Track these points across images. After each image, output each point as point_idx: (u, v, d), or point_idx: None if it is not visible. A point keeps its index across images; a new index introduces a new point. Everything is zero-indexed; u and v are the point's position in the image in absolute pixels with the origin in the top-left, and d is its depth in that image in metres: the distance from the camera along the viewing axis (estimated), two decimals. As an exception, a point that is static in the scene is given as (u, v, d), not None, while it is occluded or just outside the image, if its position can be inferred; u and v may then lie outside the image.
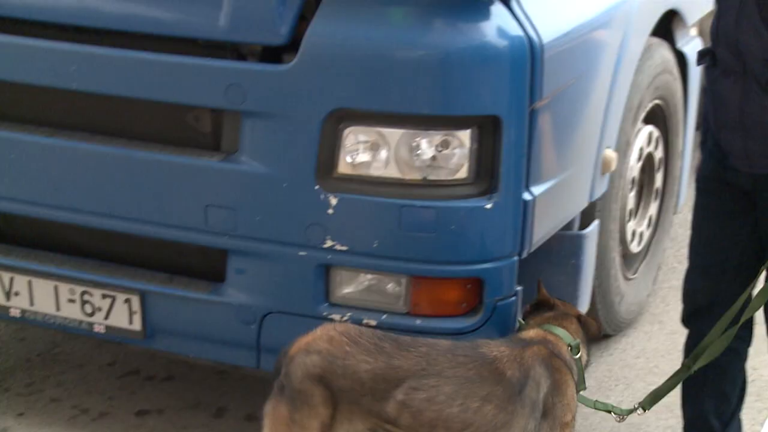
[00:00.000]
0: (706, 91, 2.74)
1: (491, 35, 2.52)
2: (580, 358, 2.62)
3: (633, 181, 3.58)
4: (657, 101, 3.65)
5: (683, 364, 2.76)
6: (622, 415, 2.75)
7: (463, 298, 2.69)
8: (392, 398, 2.34)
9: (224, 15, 2.60)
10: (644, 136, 3.59)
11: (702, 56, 2.69)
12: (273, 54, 2.62)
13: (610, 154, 3.17)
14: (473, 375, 2.39)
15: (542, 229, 2.82)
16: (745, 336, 2.83)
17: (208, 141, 2.75)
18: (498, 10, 2.54)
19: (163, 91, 2.70)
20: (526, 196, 2.67)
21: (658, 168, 3.81)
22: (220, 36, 2.64)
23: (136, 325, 2.88)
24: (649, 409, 2.76)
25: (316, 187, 2.61)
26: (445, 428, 2.36)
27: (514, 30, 2.54)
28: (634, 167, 3.55)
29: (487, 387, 2.39)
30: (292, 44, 2.58)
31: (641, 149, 3.59)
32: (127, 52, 2.72)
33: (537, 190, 2.72)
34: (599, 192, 3.20)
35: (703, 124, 2.82)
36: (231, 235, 2.72)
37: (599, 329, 2.92)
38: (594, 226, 3.22)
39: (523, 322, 2.75)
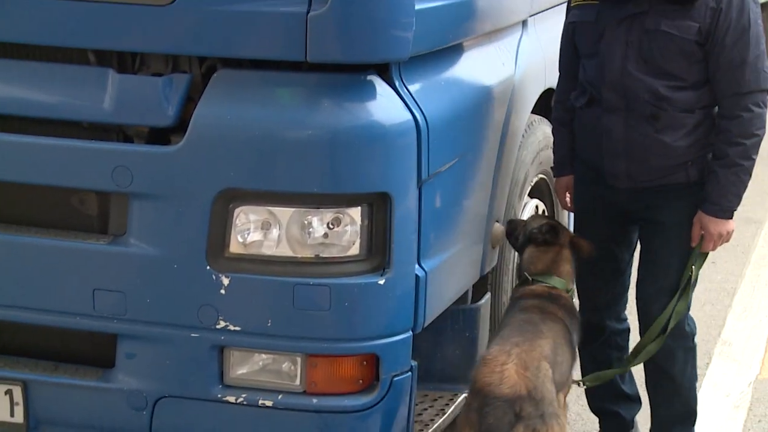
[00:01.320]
0: (584, 127, 3.20)
1: (378, 114, 2.55)
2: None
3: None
4: (541, 175, 3.74)
5: (626, 359, 3.35)
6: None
7: (359, 375, 2.66)
8: None
9: (110, 97, 2.56)
10: (531, 209, 3.66)
11: (576, 98, 3.21)
12: (160, 135, 2.59)
13: (499, 227, 3.22)
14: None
15: (436, 304, 2.83)
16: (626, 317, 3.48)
17: (95, 224, 2.68)
18: (383, 89, 2.57)
19: (48, 174, 2.63)
20: (419, 271, 2.68)
21: (546, 240, 3.88)
22: (106, 118, 2.59)
23: (18, 417, 2.75)
24: (589, 385, 3.32)
25: (208, 268, 2.57)
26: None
27: (400, 109, 2.57)
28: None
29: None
30: (180, 125, 2.55)
31: (528, 222, 3.65)
32: (9, 136, 2.64)
33: (429, 265, 2.73)
34: (490, 265, 3.23)
35: (578, 157, 3.29)
36: (120, 319, 2.64)
37: (590, 249, 3.24)
38: (486, 298, 3.25)
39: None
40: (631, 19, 2.99)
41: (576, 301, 3.33)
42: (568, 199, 3.44)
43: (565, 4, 3.92)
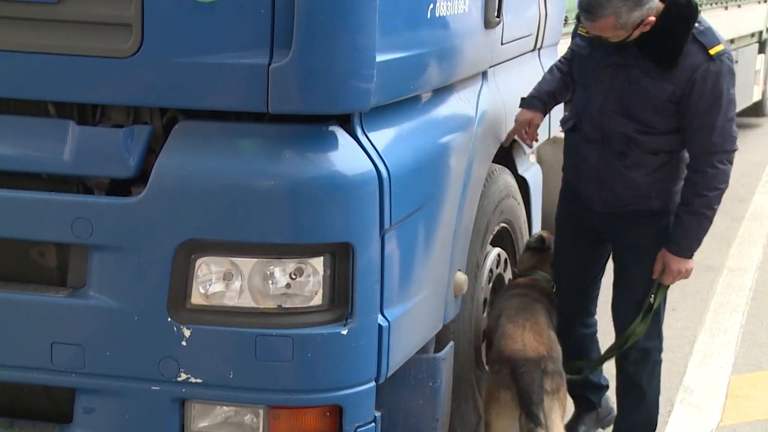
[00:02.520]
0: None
1: (339, 165, 2.54)
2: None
3: (485, 302, 3.63)
4: (503, 224, 3.75)
5: (587, 364, 3.77)
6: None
7: (322, 427, 2.63)
8: None
9: (70, 149, 2.54)
10: (493, 257, 3.66)
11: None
12: (121, 186, 2.56)
13: (461, 276, 3.21)
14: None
15: (399, 353, 2.80)
16: (595, 321, 3.85)
17: (54, 276, 2.64)
18: (345, 140, 2.58)
19: (6, 227, 2.58)
20: (382, 320, 2.67)
21: (508, 288, 3.88)
22: (66, 170, 2.56)
23: (-25, 474, 2.67)
24: (589, 372, 3.78)
25: (169, 320, 2.53)
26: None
27: (362, 159, 2.57)
28: (485, 288, 3.60)
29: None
30: (141, 176, 2.53)
31: (491, 271, 3.66)
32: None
33: (392, 314, 2.71)
34: (453, 314, 3.22)
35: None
36: (79, 373, 2.59)
37: None
38: (449, 348, 3.23)
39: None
40: (617, 67, 3.27)
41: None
42: (524, 134, 3.62)
43: (524, 55, 3.98)
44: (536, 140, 3.71)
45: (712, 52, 3.16)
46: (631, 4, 3.04)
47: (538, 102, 3.59)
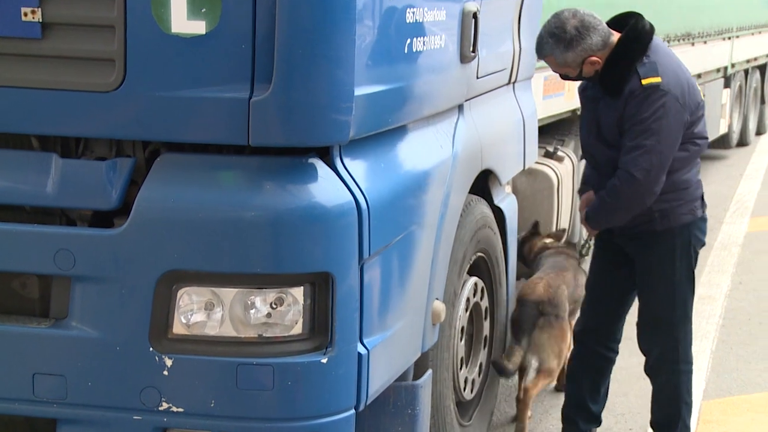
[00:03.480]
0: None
1: (319, 196, 2.54)
2: None
3: (462, 330, 3.62)
4: (480, 254, 3.75)
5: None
6: None
7: (303, 455, 2.59)
8: None
9: (53, 182, 2.52)
10: (470, 286, 3.66)
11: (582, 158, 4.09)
12: (103, 218, 2.54)
13: (439, 305, 3.20)
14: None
15: (378, 381, 2.79)
16: (616, 351, 3.95)
17: (36, 307, 2.61)
18: (324, 172, 2.58)
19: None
20: (361, 349, 2.65)
21: (485, 317, 3.88)
22: (49, 202, 2.55)
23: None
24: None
25: (151, 350, 2.51)
26: None
27: (341, 190, 2.57)
28: (462, 317, 3.59)
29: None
30: (123, 208, 2.51)
31: (468, 299, 3.65)
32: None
33: (371, 342, 2.70)
34: (431, 342, 3.21)
35: None
36: (60, 404, 2.55)
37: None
38: (427, 375, 3.21)
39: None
40: (594, 99, 3.60)
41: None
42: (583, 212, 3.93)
43: (499, 89, 4.01)
44: None
45: (644, 82, 3.40)
46: (561, 47, 3.42)
47: (585, 186, 3.85)
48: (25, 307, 2.62)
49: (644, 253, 3.65)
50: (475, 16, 3.30)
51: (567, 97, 5.61)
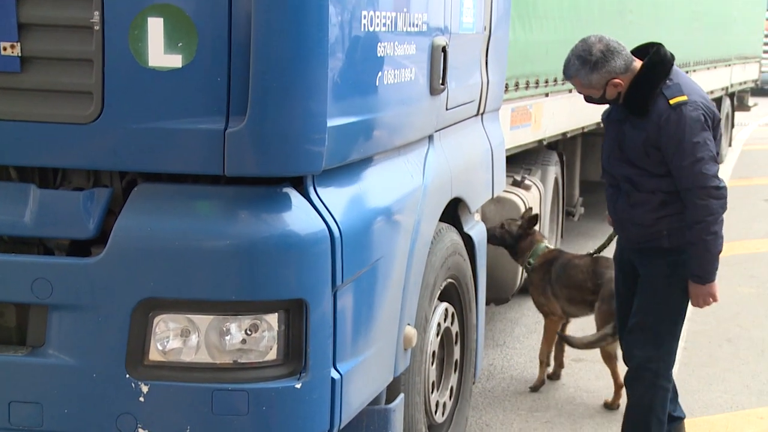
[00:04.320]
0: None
1: (293, 224, 2.55)
2: None
3: (433, 354, 3.62)
4: (450, 280, 3.76)
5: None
6: None
7: (277, 479, 2.58)
8: None
9: (31, 212, 2.51)
10: (441, 312, 3.67)
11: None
12: (81, 247, 2.53)
13: (411, 330, 3.21)
14: None
15: (351, 406, 2.79)
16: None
17: (13, 336, 2.59)
18: (298, 201, 2.59)
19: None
20: (334, 374, 2.65)
21: (456, 341, 3.89)
22: (27, 232, 2.53)
23: None
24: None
25: (127, 376, 2.49)
26: None
27: (314, 219, 2.58)
28: (433, 342, 3.60)
29: None
30: (101, 237, 2.50)
31: (439, 324, 3.66)
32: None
33: (344, 368, 2.70)
34: (402, 367, 3.21)
35: None
36: (37, 431, 2.52)
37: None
38: (400, 399, 3.21)
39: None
40: (617, 122, 3.75)
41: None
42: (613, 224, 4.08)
43: (468, 120, 4.05)
44: None
45: (672, 102, 3.57)
46: (587, 68, 3.58)
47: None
48: (1, 336, 2.59)
49: (648, 264, 3.79)
50: (444, 50, 3.34)
51: (533, 128, 5.68)
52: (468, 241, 3.96)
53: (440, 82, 3.36)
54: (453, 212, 3.82)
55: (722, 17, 10.33)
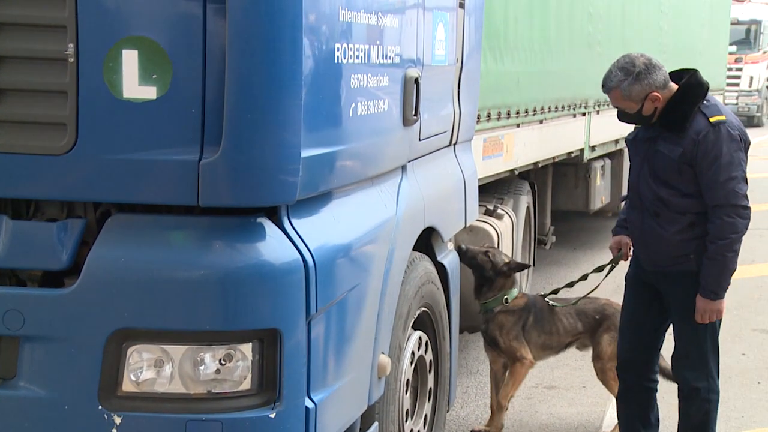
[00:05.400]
0: (627, 219, 3.98)
1: (267, 254, 2.53)
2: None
3: (407, 383, 3.60)
4: (423, 308, 3.75)
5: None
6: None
7: None
8: None
9: (3, 243, 2.48)
10: (414, 340, 3.65)
11: (623, 199, 4.12)
12: (54, 278, 2.50)
13: (385, 359, 3.19)
14: None
15: (325, 435, 2.75)
16: (657, 380, 4.10)
17: (-16, 367, 2.54)
18: (272, 231, 2.57)
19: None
20: (308, 403, 2.63)
21: (430, 370, 3.87)
22: (-1, 263, 2.50)
23: None
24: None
25: (100, 408, 2.46)
26: None
27: (288, 249, 2.57)
28: (407, 370, 3.58)
29: None
30: (74, 267, 2.47)
31: (413, 353, 3.64)
32: None
33: (318, 397, 2.68)
34: (377, 395, 3.19)
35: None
36: (8, 464, 2.47)
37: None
38: (374, 428, 3.19)
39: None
40: (648, 140, 3.78)
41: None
42: (614, 252, 4.12)
43: (440, 150, 4.06)
44: (630, 256, 4.05)
45: (712, 120, 3.65)
46: (630, 79, 3.63)
47: (620, 229, 4.08)
48: (-28, 368, 2.55)
49: (678, 290, 3.80)
50: (416, 81, 3.35)
51: (505, 158, 5.71)
52: (441, 269, 3.96)
53: (413, 113, 3.37)
54: (426, 241, 3.82)
55: (687, 50, 10.44)
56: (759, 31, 22.61)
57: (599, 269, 4.37)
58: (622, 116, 3.82)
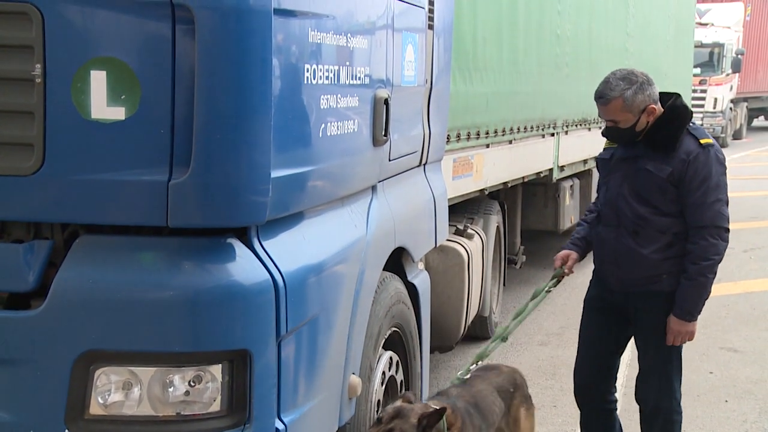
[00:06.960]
0: (594, 239, 3.94)
1: (236, 275, 2.52)
2: None
3: (378, 403, 3.58)
4: (394, 328, 3.74)
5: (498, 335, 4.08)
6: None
7: None
8: None
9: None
10: (385, 360, 3.64)
11: (590, 212, 4.08)
12: (20, 300, 2.47)
13: (355, 379, 3.18)
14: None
15: (296, 457, 2.73)
16: (616, 399, 4.10)
17: (-52, 391, 2.49)
18: (242, 251, 2.56)
19: None
20: (279, 424, 2.61)
21: (400, 390, 3.85)
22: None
23: None
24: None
25: (66, 431, 2.41)
26: None
27: (258, 269, 2.55)
28: (378, 390, 3.57)
29: None
30: (41, 289, 2.44)
31: (383, 373, 3.63)
32: None
33: (289, 418, 2.66)
34: (347, 416, 3.17)
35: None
36: (-29, 491, 2.42)
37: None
38: (346, 449, 3.16)
39: None
40: (631, 159, 3.76)
41: None
42: (557, 264, 4.07)
43: (410, 170, 4.07)
44: (572, 271, 4.08)
45: (702, 142, 3.69)
46: (634, 88, 3.62)
47: (572, 245, 4.07)
48: (-64, 392, 2.50)
49: (647, 310, 3.79)
50: (386, 102, 3.36)
51: (475, 178, 5.73)
52: (412, 289, 3.96)
53: (383, 133, 3.37)
54: (397, 261, 3.82)
55: (653, 72, 10.55)
56: (722, 53, 23.01)
57: (536, 295, 4.11)
58: (610, 131, 3.77)
